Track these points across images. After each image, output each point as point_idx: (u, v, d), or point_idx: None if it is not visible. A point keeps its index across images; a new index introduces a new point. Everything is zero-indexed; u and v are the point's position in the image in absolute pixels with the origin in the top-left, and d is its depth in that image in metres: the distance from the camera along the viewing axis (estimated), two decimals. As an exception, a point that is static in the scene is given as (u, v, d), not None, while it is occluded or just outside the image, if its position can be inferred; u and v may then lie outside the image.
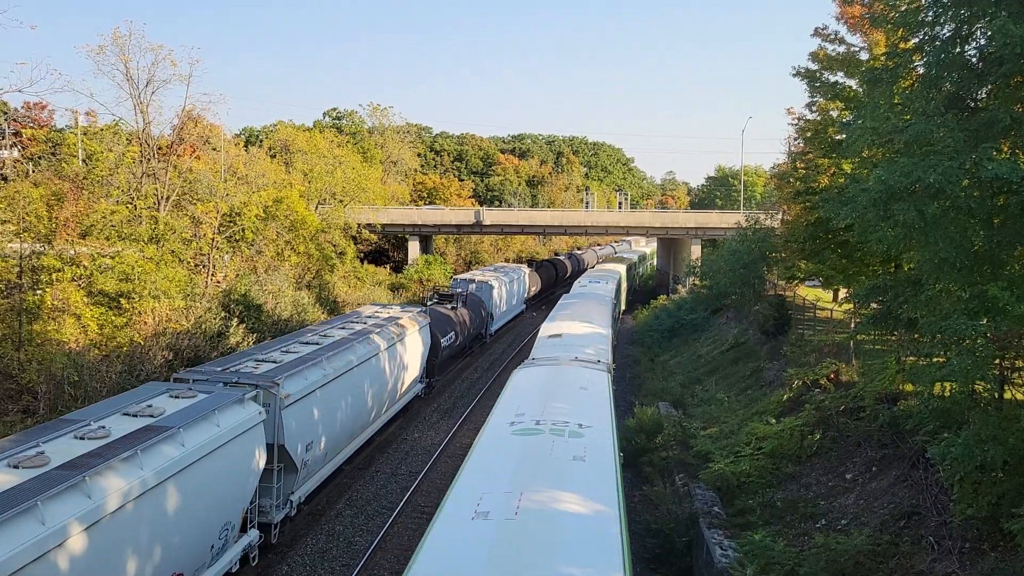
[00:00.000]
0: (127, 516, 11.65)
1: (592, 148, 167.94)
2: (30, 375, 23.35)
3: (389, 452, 25.83)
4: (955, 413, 12.98)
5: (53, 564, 10.07)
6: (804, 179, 27.19)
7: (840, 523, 15.48)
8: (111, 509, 11.24)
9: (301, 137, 62.39)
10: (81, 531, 10.60)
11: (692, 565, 16.81)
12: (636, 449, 23.24)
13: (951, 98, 12.39)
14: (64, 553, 10.29)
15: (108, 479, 11.45)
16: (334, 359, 21.04)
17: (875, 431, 17.86)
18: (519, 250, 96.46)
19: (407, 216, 68.80)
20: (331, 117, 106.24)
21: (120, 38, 36.68)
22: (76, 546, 10.51)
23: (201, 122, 41.80)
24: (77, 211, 31.85)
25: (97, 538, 10.90)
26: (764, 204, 59.23)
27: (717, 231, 63.85)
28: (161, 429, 13.15)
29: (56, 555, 10.13)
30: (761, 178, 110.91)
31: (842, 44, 24.38)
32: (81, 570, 10.55)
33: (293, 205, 45.40)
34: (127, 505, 11.62)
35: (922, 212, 11.38)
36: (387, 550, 18.68)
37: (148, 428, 13.22)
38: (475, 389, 35.07)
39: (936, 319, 11.83)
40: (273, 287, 40.26)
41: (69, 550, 10.37)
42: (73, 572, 10.39)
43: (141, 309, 30.15)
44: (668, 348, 43.54)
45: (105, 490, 11.22)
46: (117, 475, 11.64)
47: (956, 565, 12.30)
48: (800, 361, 25.87)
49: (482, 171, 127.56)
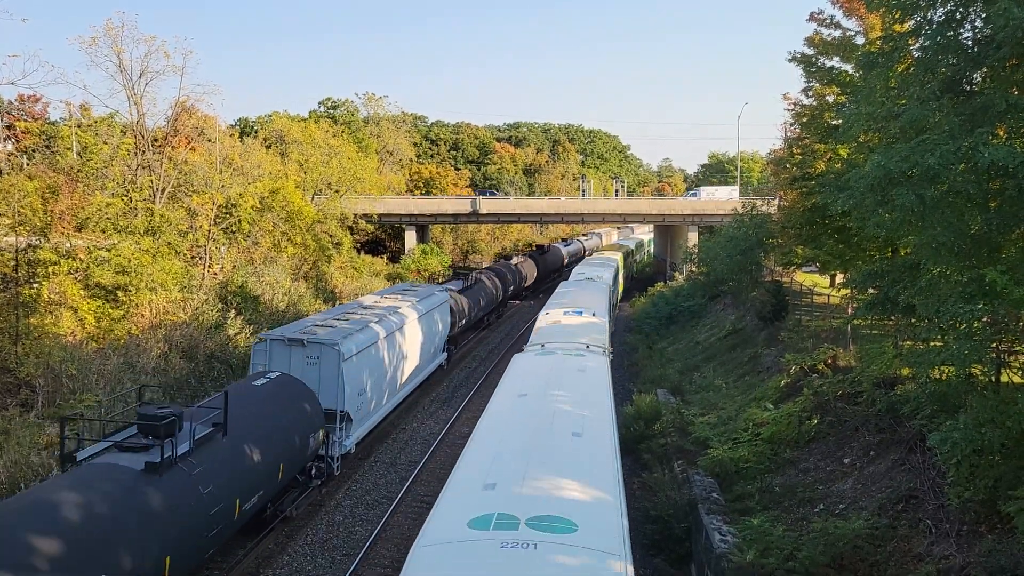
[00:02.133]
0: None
1: (588, 136, 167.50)
2: (28, 369, 23.34)
3: (388, 442, 25.86)
4: (952, 397, 13.03)
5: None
6: (800, 164, 27.20)
7: (838, 507, 15.54)
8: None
9: (296, 127, 62.20)
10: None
11: (691, 551, 16.88)
12: (635, 436, 23.31)
13: (947, 82, 12.35)
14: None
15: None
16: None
17: (873, 416, 17.91)
18: (516, 239, 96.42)
19: (403, 205, 68.67)
20: (326, 107, 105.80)
21: (112, 29, 36.53)
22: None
23: (195, 113, 41.67)
24: (72, 204, 31.78)
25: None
26: (760, 190, 59.19)
27: (714, 218, 63.85)
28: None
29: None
30: (758, 164, 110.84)
31: (838, 28, 24.33)
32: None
33: (289, 196, 45.35)
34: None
35: (921, 196, 11.37)
36: (388, 539, 18.74)
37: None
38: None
39: (934, 303, 11.83)
40: (270, 278, 40.26)
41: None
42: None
43: (138, 302, 30.15)
44: (666, 335, 43.58)
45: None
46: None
47: (954, 548, 12.36)
48: (798, 347, 25.91)
49: (478, 160, 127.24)
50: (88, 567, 10.55)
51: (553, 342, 22.84)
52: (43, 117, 62.44)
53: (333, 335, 21.76)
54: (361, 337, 22.84)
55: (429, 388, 32.78)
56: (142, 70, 37.34)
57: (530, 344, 23.29)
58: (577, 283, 40.57)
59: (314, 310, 40.86)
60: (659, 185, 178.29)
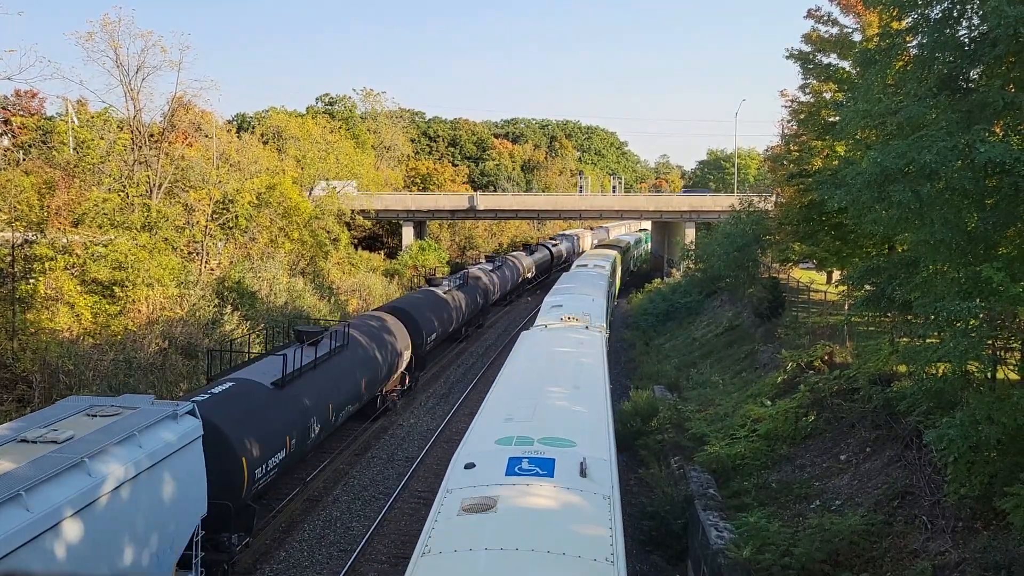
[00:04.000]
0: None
1: (586, 132, 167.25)
2: (24, 364, 23.30)
3: (385, 438, 25.87)
4: (948, 394, 13.04)
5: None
6: (798, 161, 27.23)
7: (834, 503, 15.58)
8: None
9: (294, 123, 62.25)
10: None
11: (688, 547, 16.92)
12: (632, 432, 23.33)
13: (944, 79, 12.36)
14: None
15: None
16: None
17: (869, 412, 17.95)
18: (513, 235, 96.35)
19: (401, 201, 68.60)
20: (324, 103, 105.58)
21: (109, 24, 36.46)
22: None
23: (192, 109, 41.61)
24: (69, 199, 31.72)
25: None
26: (757, 187, 59.25)
27: (711, 214, 63.89)
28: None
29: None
30: (755, 161, 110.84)
31: (835, 25, 24.36)
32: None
33: (286, 191, 45.29)
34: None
35: (918, 193, 11.38)
36: (384, 535, 18.74)
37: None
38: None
39: (930, 300, 11.85)
40: (267, 274, 40.20)
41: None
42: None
43: (135, 297, 30.10)
44: (663, 331, 43.61)
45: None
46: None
47: (949, 544, 12.40)
48: (794, 343, 25.95)
49: (476, 156, 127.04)
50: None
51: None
52: (39, 112, 62.32)
53: None
54: None
55: (425, 385, 32.79)
56: (139, 65, 37.33)
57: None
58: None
59: (312, 306, 40.86)
60: (656, 181, 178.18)
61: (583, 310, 27.51)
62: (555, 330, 23.85)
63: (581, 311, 27.17)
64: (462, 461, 11.37)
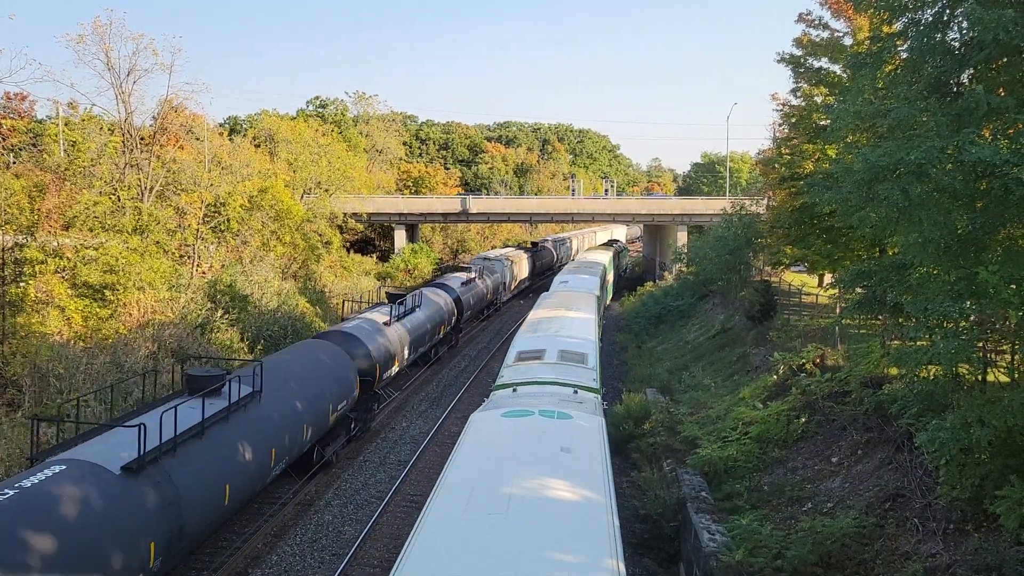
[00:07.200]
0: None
1: (578, 135, 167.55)
2: (14, 368, 23.17)
3: (377, 441, 25.80)
4: (939, 396, 13.09)
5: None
6: (789, 165, 27.32)
7: (826, 506, 15.60)
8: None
9: (285, 126, 62.04)
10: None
11: (680, 550, 16.92)
12: (624, 435, 23.33)
13: (933, 82, 12.43)
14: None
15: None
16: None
17: (860, 415, 17.99)
18: (506, 238, 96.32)
19: (393, 204, 68.50)
20: (315, 105, 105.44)
21: (101, 27, 36.30)
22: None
23: (184, 111, 41.47)
24: (59, 202, 31.59)
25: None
26: (750, 190, 59.43)
27: (703, 217, 63.98)
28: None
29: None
30: (747, 164, 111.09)
31: (826, 29, 24.47)
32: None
33: (278, 195, 45.18)
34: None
35: (906, 191, 11.42)
36: (377, 539, 18.68)
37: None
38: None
39: (921, 302, 11.89)
40: (259, 277, 40.06)
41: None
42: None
43: (126, 301, 29.96)
44: (655, 334, 43.62)
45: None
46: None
47: (941, 546, 12.43)
48: (786, 346, 25.98)
49: (469, 159, 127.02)
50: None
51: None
52: (30, 115, 61.98)
53: None
54: None
55: (419, 387, 32.72)
56: (130, 68, 37.16)
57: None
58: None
59: (303, 309, 40.73)
60: (649, 185, 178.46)
61: (567, 376, 19.10)
62: (519, 429, 14.07)
63: (565, 376, 19.12)
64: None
